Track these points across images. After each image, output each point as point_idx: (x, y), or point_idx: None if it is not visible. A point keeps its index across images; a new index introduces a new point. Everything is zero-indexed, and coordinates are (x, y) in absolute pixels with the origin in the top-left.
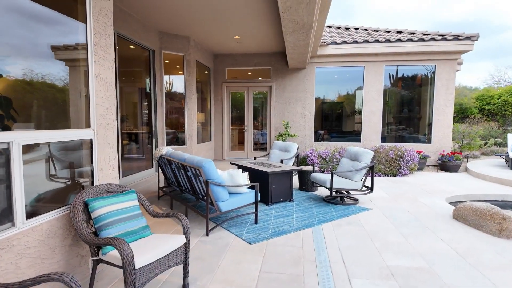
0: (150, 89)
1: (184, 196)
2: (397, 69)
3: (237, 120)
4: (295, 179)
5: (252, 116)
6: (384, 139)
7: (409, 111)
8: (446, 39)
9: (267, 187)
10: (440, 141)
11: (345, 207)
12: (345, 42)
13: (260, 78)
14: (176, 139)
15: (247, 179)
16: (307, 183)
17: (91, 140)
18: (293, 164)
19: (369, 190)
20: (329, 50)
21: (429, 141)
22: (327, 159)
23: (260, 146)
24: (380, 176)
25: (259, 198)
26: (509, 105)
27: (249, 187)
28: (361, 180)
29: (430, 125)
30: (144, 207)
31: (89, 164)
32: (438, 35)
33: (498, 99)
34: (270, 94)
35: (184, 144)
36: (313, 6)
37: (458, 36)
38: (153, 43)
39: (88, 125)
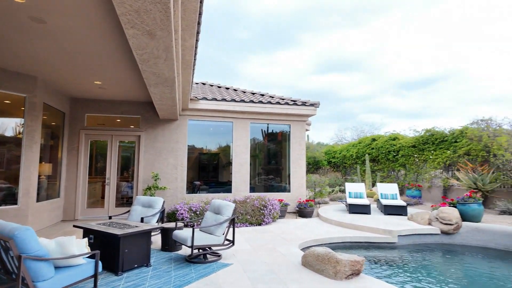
0: None
1: None
2: (267, 126)
3: (102, 171)
4: (158, 238)
5: (117, 168)
6: (253, 189)
7: (276, 163)
8: (296, 104)
9: (118, 252)
10: (298, 190)
11: (207, 265)
12: (215, 99)
13: (132, 127)
14: (11, 195)
15: (85, 246)
16: (170, 242)
17: None
18: (157, 221)
19: (231, 244)
20: (200, 104)
21: (289, 190)
22: (198, 212)
23: (129, 200)
24: (247, 226)
25: (100, 269)
26: (347, 158)
27: (88, 256)
28: (223, 234)
29: (290, 175)
30: None
31: None
32: (291, 100)
33: (340, 153)
34: (138, 144)
35: (16, 204)
36: (171, 62)
37: (305, 102)
38: None
39: None
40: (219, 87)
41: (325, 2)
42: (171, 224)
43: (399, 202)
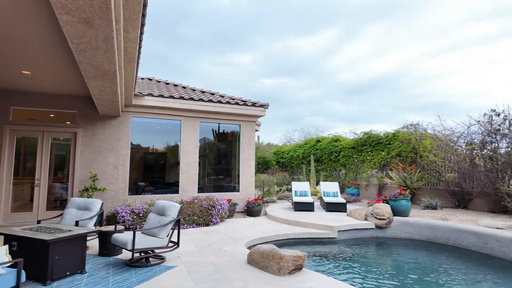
0: None
1: None
2: (218, 125)
3: (32, 172)
4: (96, 243)
5: (49, 167)
6: (202, 189)
7: (226, 163)
8: (246, 105)
9: (47, 259)
10: (246, 189)
11: (149, 269)
12: (162, 96)
13: (68, 123)
14: None
15: (5, 255)
16: (109, 247)
17: None
18: (95, 225)
19: (176, 246)
20: (146, 101)
21: (238, 190)
22: (141, 215)
23: (63, 203)
24: (194, 227)
25: (23, 279)
26: (294, 159)
27: (11, 266)
28: (168, 236)
29: (239, 175)
30: None
31: None
32: (241, 100)
33: (288, 154)
34: (75, 142)
35: None
36: (112, 54)
37: (255, 103)
38: None
39: None
40: (166, 83)
41: (275, 7)
42: (111, 227)
43: (340, 199)
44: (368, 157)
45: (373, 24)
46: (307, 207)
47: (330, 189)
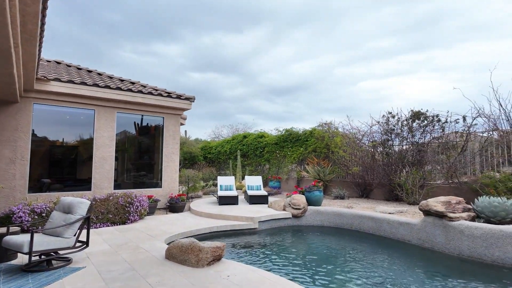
0: None
1: None
2: (142, 118)
3: None
4: None
5: None
6: (119, 186)
7: (148, 158)
8: (171, 97)
9: None
10: (170, 185)
11: (51, 272)
12: (72, 82)
13: None
14: None
15: None
16: None
17: None
18: None
19: (84, 246)
20: (52, 86)
21: (161, 185)
22: (44, 214)
23: None
24: (108, 226)
25: None
26: (222, 154)
27: None
28: (75, 235)
29: (162, 170)
30: None
31: None
32: (166, 92)
33: (215, 149)
34: None
35: None
36: (5, 28)
37: (180, 95)
38: None
39: None
40: (79, 68)
41: (205, 0)
42: (2, 229)
43: (262, 192)
44: (289, 153)
45: (298, 29)
46: (231, 200)
47: (254, 182)
